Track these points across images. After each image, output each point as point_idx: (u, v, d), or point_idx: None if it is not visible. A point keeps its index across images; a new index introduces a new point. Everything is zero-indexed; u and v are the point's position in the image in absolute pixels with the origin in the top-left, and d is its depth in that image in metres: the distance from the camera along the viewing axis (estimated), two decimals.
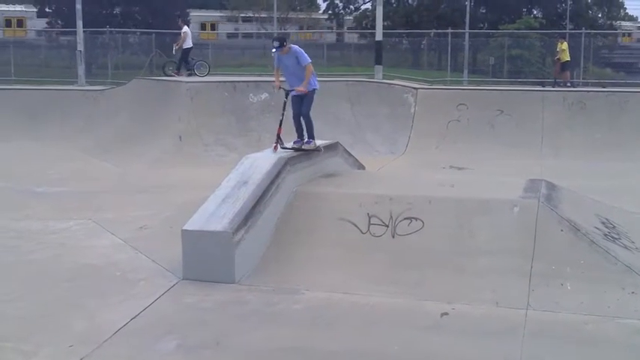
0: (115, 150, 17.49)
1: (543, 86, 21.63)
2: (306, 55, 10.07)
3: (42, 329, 7.05)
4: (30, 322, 7.23)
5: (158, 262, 8.90)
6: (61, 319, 7.31)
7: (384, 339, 6.87)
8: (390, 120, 20.06)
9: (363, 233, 8.99)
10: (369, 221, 9.04)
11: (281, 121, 10.19)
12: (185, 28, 21.82)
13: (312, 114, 10.37)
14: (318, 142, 10.75)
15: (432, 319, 7.31)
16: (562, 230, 8.51)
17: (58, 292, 8.12)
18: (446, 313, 7.41)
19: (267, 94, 19.14)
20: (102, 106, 20.86)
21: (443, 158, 17.29)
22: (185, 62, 21.48)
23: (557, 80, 22.82)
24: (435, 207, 9.08)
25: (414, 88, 20.87)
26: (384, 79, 23.13)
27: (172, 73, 21.22)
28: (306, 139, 10.42)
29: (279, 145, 10.16)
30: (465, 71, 28.10)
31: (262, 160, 9.82)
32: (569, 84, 22.18)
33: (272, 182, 9.32)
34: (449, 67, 28.13)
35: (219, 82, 19.35)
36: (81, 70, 24.72)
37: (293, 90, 10.15)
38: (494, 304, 7.61)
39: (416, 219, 8.93)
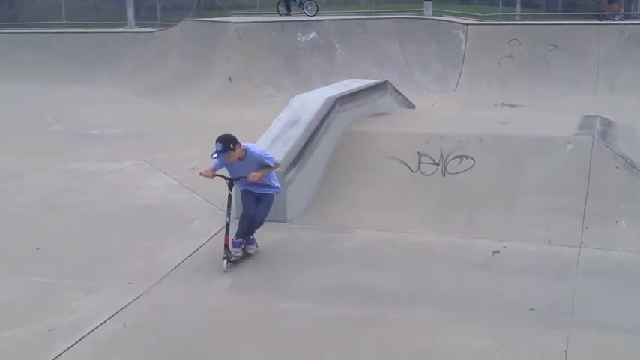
0: (166, 92, 17.66)
1: (599, 20, 20.89)
2: (271, 155, 7.45)
3: (101, 268, 7.28)
4: (89, 261, 7.48)
5: (211, 201, 9.04)
6: (119, 257, 7.54)
7: (435, 276, 6.91)
8: (439, 57, 19.78)
9: (413, 172, 8.98)
10: (420, 160, 9.01)
11: (228, 225, 7.22)
12: None
13: None
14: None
15: (484, 256, 7.32)
16: (617, 167, 8.37)
17: (114, 231, 8.36)
18: (497, 251, 7.41)
19: (315, 34, 19.04)
20: (152, 48, 20.98)
21: (494, 96, 17.05)
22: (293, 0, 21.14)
23: (604, 13, 21.92)
24: (486, 145, 8.99)
25: (465, 24, 20.45)
26: (433, 15, 22.68)
27: (283, 13, 21.00)
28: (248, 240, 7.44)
29: (229, 259, 7.18)
30: (518, 5, 27.21)
31: (312, 100, 9.81)
32: (617, 17, 21.29)
33: (322, 122, 9.32)
34: (500, 2, 27.36)
35: (268, 22, 19.24)
36: (130, 12, 24.76)
37: (241, 178, 7.20)
38: (546, 242, 7.57)
39: (467, 157, 8.87)
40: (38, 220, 8.76)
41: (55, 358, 5.52)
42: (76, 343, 5.73)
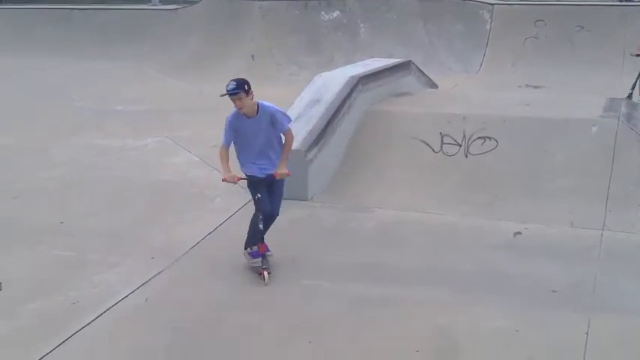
0: (189, 69, 17.64)
1: (620, 1, 20.47)
2: (286, 113, 6.77)
3: (123, 242, 7.35)
4: (112, 235, 7.55)
5: None
6: (141, 233, 7.61)
7: (456, 257, 6.90)
8: (464, 37, 19.54)
9: (435, 152, 8.94)
10: (442, 140, 8.97)
11: (260, 229, 6.51)
12: None
13: None
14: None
15: (505, 238, 7.29)
16: None
17: (137, 207, 8.43)
18: (519, 233, 7.38)
19: (338, 12, 18.89)
20: (175, 25, 20.94)
21: (519, 77, 16.84)
22: None
23: None
24: (509, 126, 8.93)
25: (490, 3, 20.17)
26: None
27: None
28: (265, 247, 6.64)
29: (268, 271, 6.47)
30: None
31: (334, 79, 9.78)
32: None
33: (344, 101, 9.30)
34: None
35: (291, 0, 19.10)
36: None
37: (269, 174, 6.50)
38: (569, 225, 7.52)
39: (490, 138, 8.81)
40: (62, 195, 8.85)
41: (78, 330, 5.59)
42: (98, 316, 5.81)
